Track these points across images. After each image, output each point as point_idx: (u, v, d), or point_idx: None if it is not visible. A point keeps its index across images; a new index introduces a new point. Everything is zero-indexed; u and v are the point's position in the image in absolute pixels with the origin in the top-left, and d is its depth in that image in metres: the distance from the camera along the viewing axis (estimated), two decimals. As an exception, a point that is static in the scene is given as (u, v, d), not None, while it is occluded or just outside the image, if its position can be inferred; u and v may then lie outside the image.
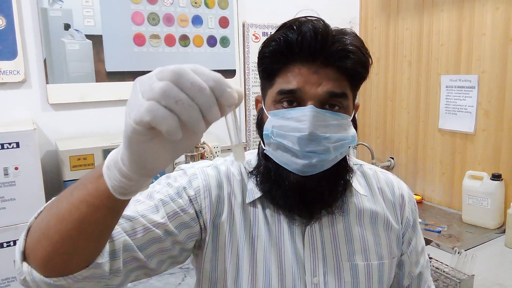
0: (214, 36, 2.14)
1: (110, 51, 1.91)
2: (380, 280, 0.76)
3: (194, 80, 0.40)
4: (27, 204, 1.74)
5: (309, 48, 0.66)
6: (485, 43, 1.93)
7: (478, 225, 1.90)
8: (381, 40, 2.45)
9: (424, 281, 0.85)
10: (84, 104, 1.92)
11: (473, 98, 2.00)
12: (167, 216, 0.68)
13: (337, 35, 0.67)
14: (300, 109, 0.67)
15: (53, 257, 0.52)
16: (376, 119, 2.56)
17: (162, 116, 0.39)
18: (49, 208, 0.56)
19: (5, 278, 1.76)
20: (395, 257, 0.80)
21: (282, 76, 0.69)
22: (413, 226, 0.83)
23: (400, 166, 2.44)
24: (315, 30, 0.66)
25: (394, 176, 0.87)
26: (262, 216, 0.74)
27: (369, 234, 0.77)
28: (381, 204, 0.80)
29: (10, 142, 1.66)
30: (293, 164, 0.68)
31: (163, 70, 0.41)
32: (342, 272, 0.73)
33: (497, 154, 1.93)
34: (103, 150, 1.85)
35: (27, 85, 1.80)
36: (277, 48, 0.68)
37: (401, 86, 2.38)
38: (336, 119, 0.68)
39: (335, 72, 0.67)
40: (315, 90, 0.66)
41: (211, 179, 0.74)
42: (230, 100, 0.42)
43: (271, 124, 0.69)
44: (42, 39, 1.77)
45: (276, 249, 0.72)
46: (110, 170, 0.47)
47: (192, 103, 0.40)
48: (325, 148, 0.67)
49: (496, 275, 1.44)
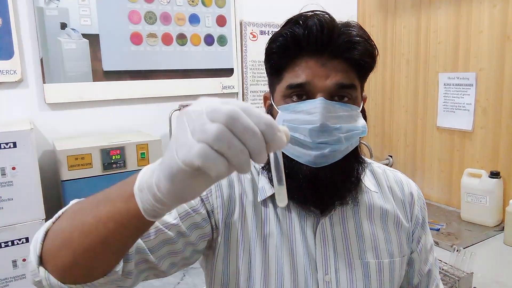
0: (212, 34, 2.13)
1: (107, 50, 1.90)
2: (391, 278, 0.76)
3: (247, 125, 0.39)
4: (24, 204, 1.73)
5: (316, 41, 0.67)
6: (483, 41, 1.93)
7: (477, 222, 1.90)
8: (379, 38, 2.45)
9: (433, 279, 0.85)
10: (82, 103, 1.91)
11: (471, 95, 2.00)
12: (179, 217, 0.68)
13: (342, 27, 0.68)
14: (310, 101, 0.67)
15: (74, 268, 0.53)
16: (374, 118, 2.56)
17: (213, 161, 0.38)
18: (71, 217, 0.55)
19: (4, 278, 1.75)
20: (405, 255, 0.80)
21: (290, 71, 0.69)
22: (422, 224, 0.83)
23: (398, 164, 2.44)
24: (321, 23, 0.66)
25: (403, 175, 0.87)
26: (274, 214, 0.74)
27: (379, 232, 0.77)
28: (391, 202, 0.80)
29: (7, 142, 1.66)
30: (306, 156, 0.69)
31: (215, 110, 0.39)
32: (354, 270, 0.73)
33: (495, 151, 1.93)
34: (100, 149, 1.85)
35: (24, 85, 1.79)
36: (284, 43, 0.69)
37: (399, 84, 2.38)
38: (346, 110, 0.68)
39: (343, 64, 0.68)
40: (324, 83, 0.67)
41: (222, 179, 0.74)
42: (280, 145, 0.41)
43: (282, 119, 0.70)
44: (39, 39, 1.76)
45: (288, 247, 0.72)
46: (143, 193, 0.46)
47: (244, 148, 0.39)
48: (337, 139, 0.68)
49: (495, 273, 1.44)
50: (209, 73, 2.19)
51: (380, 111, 2.51)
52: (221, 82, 2.25)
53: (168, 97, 2.16)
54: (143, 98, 2.11)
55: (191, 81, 2.15)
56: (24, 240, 1.75)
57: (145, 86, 2.07)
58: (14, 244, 1.74)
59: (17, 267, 1.77)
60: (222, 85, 2.26)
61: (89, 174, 1.84)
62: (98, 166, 1.84)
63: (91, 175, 1.85)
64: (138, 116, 2.15)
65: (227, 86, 2.27)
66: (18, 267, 1.77)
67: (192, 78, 2.15)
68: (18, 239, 1.74)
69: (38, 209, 1.75)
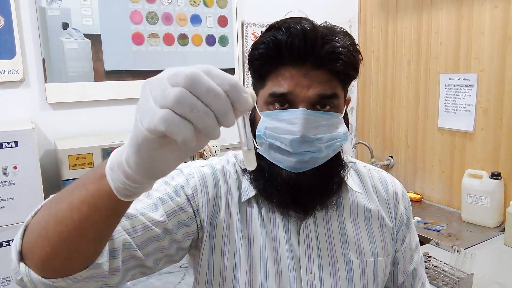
0: (213, 35, 2.14)
1: (108, 50, 1.90)
2: (375, 277, 0.77)
3: (209, 86, 0.38)
4: (26, 203, 1.74)
5: (299, 51, 0.66)
6: (484, 42, 1.92)
7: (478, 223, 1.90)
8: (380, 39, 2.45)
9: (419, 278, 0.85)
10: (83, 103, 1.92)
11: (472, 96, 2.00)
12: (166, 215, 0.68)
13: (326, 36, 0.67)
14: (291, 111, 0.67)
15: (52, 259, 0.51)
16: (376, 118, 2.56)
17: (177, 125, 0.37)
18: (47, 207, 0.55)
19: (5, 277, 1.76)
20: (389, 254, 0.80)
21: (272, 79, 0.69)
22: (406, 223, 0.83)
23: (399, 165, 2.44)
24: (304, 32, 0.65)
25: (388, 174, 0.88)
26: (258, 214, 0.75)
27: (363, 232, 0.78)
28: (375, 202, 0.81)
29: (8, 141, 1.66)
30: (286, 162, 0.69)
31: (176, 74, 0.38)
32: (337, 269, 0.74)
33: (496, 152, 1.92)
34: (102, 149, 1.85)
35: (25, 84, 1.79)
36: (267, 51, 0.68)
37: (400, 85, 2.38)
38: (327, 119, 0.69)
39: (326, 74, 0.68)
40: (306, 93, 0.67)
41: (208, 178, 0.75)
42: (246, 106, 0.40)
43: (264, 125, 0.70)
44: (41, 38, 1.77)
45: (272, 247, 0.73)
46: (114, 171, 0.45)
47: (208, 110, 0.38)
48: (317, 148, 0.68)
49: (495, 274, 1.44)
50: (210, 73, 2.20)
51: (381, 111, 2.51)
52: (222, 82, 2.26)
53: (170, 97, 2.16)
54: (145, 98, 2.11)
55: (193, 81, 2.16)
56: (25, 239, 1.76)
57: (146, 86, 2.07)
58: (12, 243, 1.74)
59: (18, 266, 1.77)
60: (223, 85, 2.26)
61: (90, 173, 1.85)
62: (99, 165, 1.84)
63: (92, 175, 1.85)
64: (139, 116, 2.15)
65: (228, 86, 2.27)
66: (19, 266, 1.77)
67: (194, 78, 2.15)
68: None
69: (39, 209, 1.76)
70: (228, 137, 2.42)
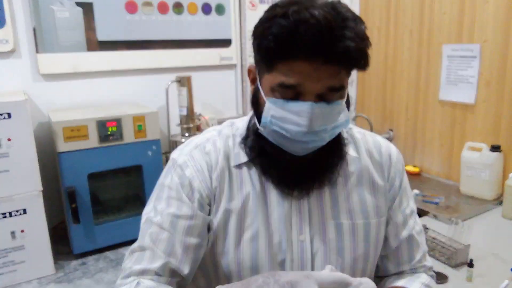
0: (209, 3, 2.07)
1: (101, 19, 1.85)
2: (366, 238, 0.78)
3: None
4: (21, 175, 1.73)
5: (312, 48, 0.65)
6: (488, 11, 1.87)
7: (476, 196, 1.90)
8: (382, 9, 2.38)
9: (417, 246, 0.84)
10: (77, 74, 1.88)
11: (474, 68, 1.95)
12: (197, 235, 0.73)
13: (340, 30, 0.64)
14: (299, 104, 0.68)
15: None
16: (376, 91, 2.52)
17: None
18: None
19: (3, 249, 1.77)
20: (383, 216, 0.81)
21: (281, 68, 0.68)
22: (399, 186, 0.84)
23: (399, 138, 2.42)
24: (319, 26, 0.63)
25: (384, 139, 0.89)
26: (249, 178, 0.77)
27: (355, 195, 0.79)
28: (368, 165, 0.82)
29: (1, 113, 1.63)
30: (288, 146, 0.72)
31: None
32: (327, 230, 0.77)
33: (497, 125, 1.90)
34: (96, 121, 1.82)
35: (16, 55, 1.75)
36: (276, 44, 0.66)
37: (401, 56, 2.33)
38: (333, 108, 0.70)
39: (336, 67, 0.67)
40: (316, 86, 0.67)
41: (203, 168, 0.77)
42: None
43: (270, 113, 0.71)
44: (31, 7, 1.71)
45: (263, 209, 0.76)
46: None
47: None
48: (321, 138, 0.71)
49: (492, 245, 1.45)
50: (206, 43, 2.14)
51: (382, 84, 2.47)
52: (219, 53, 2.21)
53: (165, 68, 2.11)
54: (140, 70, 2.07)
55: (188, 52, 2.11)
56: (21, 211, 1.75)
57: (141, 57, 2.02)
58: (12, 215, 1.75)
59: (16, 238, 1.78)
60: (220, 56, 2.22)
61: (85, 146, 1.83)
62: (94, 138, 1.82)
63: (87, 147, 1.84)
64: (134, 87, 2.12)
65: (225, 57, 2.22)
66: (16, 238, 1.78)
67: (189, 49, 2.11)
68: (16, 211, 1.75)
69: (34, 181, 1.75)
70: (225, 110, 2.39)
